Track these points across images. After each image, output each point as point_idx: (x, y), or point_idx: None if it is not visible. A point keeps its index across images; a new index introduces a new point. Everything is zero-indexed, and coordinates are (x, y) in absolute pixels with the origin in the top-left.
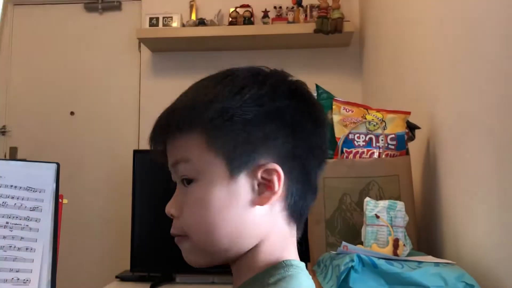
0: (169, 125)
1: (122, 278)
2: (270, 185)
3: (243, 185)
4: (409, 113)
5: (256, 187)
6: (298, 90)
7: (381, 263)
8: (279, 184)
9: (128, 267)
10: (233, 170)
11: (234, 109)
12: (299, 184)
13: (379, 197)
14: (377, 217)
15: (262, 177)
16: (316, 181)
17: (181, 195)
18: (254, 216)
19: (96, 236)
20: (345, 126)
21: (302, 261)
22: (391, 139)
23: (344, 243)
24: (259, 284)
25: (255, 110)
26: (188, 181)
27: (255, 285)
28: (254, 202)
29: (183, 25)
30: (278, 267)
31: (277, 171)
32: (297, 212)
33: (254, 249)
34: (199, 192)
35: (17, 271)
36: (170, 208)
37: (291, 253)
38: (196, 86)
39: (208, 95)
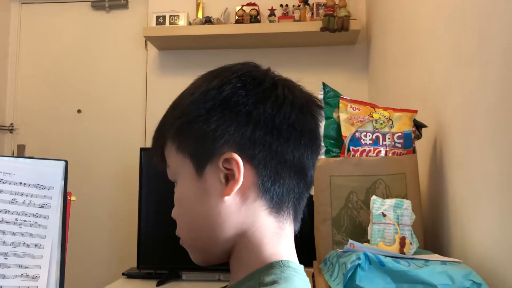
0: (154, 139)
1: (128, 275)
2: (234, 174)
3: (211, 178)
4: (416, 111)
5: (222, 178)
6: (250, 77)
7: (388, 261)
8: (239, 172)
9: (134, 264)
10: (198, 166)
11: (188, 111)
12: (269, 168)
13: (386, 195)
14: (384, 215)
15: (225, 168)
16: (300, 162)
17: None
18: (226, 208)
19: (103, 233)
20: (352, 124)
21: (301, 264)
22: (398, 137)
23: (350, 241)
24: (253, 282)
25: (204, 105)
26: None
27: (249, 283)
28: (223, 194)
29: (190, 24)
30: (273, 266)
31: (234, 159)
32: (277, 200)
33: (239, 245)
34: (178, 192)
35: (26, 267)
36: (172, 212)
37: (287, 252)
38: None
39: (173, 105)
